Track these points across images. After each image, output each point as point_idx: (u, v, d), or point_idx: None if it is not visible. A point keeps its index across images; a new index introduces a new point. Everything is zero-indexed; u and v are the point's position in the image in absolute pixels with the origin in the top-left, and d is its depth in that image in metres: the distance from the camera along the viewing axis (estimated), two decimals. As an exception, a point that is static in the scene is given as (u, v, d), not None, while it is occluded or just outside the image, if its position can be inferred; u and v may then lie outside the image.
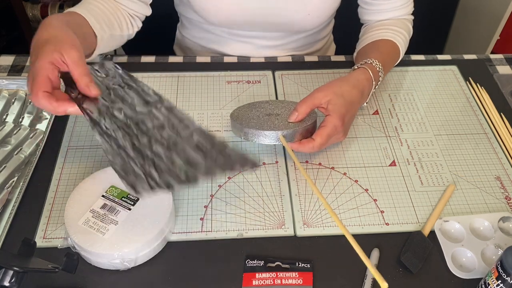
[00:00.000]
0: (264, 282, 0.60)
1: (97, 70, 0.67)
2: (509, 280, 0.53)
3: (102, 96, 0.62)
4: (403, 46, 0.86)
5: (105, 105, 0.61)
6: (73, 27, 0.65)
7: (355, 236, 0.66)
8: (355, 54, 0.90)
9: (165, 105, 0.63)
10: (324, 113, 0.72)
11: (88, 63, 0.64)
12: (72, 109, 0.59)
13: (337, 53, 1.13)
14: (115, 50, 1.87)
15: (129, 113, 0.61)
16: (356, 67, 0.78)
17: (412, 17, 0.90)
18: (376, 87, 0.80)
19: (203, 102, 0.85)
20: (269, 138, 0.70)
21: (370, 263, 0.55)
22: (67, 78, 0.61)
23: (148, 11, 0.86)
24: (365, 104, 0.80)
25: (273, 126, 0.71)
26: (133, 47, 0.93)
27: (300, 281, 0.60)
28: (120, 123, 0.60)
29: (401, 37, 0.85)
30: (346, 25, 0.98)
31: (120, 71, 0.68)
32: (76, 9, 0.73)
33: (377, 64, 0.78)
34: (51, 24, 0.63)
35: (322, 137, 0.69)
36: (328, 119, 0.70)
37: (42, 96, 0.56)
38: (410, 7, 0.89)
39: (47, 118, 0.80)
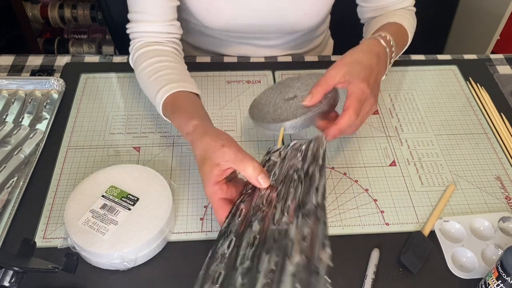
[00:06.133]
0: (264, 282, 0.60)
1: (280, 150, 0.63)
2: (509, 280, 0.53)
3: (270, 191, 0.57)
4: (410, 30, 0.83)
5: (257, 207, 0.55)
6: (197, 109, 0.68)
7: (355, 236, 0.66)
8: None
9: (319, 215, 0.50)
10: (346, 87, 0.67)
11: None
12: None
13: (335, 48, 1.13)
14: (115, 51, 1.88)
15: (268, 225, 0.52)
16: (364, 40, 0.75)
17: (414, 9, 0.88)
18: (392, 60, 0.75)
19: (203, 102, 0.84)
20: (272, 131, 0.68)
21: None
22: None
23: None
24: (384, 76, 0.74)
25: (281, 114, 0.67)
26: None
27: (300, 281, 0.60)
28: (248, 237, 0.51)
29: (407, 20, 0.82)
30: (342, 20, 0.98)
31: (321, 151, 0.59)
32: (175, 86, 0.71)
33: (387, 35, 0.73)
34: (193, 140, 0.63)
35: (353, 105, 0.64)
36: (351, 87, 0.65)
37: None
38: (411, 0, 0.86)
39: (47, 118, 0.80)
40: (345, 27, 0.96)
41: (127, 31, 0.81)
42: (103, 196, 0.64)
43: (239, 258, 0.49)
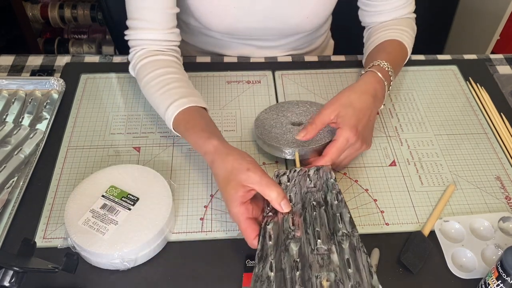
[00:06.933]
0: (264, 282, 0.60)
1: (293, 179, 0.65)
2: (509, 280, 0.53)
3: (292, 215, 0.60)
4: (410, 44, 0.85)
5: (287, 231, 0.58)
6: (213, 128, 0.69)
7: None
8: (364, 59, 0.88)
9: (355, 243, 0.56)
10: (336, 127, 0.70)
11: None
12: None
13: (335, 48, 1.13)
14: (115, 51, 1.88)
15: (305, 250, 0.56)
16: (363, 72, 0.77)
17: (414, 15, 0.89)
18: (390, 87, 0.78)
19: (203, 102, 0.85)
20: (285, 154, 0.71)
21: None
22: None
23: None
24: (382, 107, 0.77)
25: (292, 140, 0.71)
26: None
27: (300, 281, 0.60)
28: (289, 261, 0.55)
29: (407, 35, 0.85)
30: (343, 20, 0.98)
31: (332, 180, 0.64)
32: (186, 102, 0.71)
33: (385, 65, 0.76)
34: (214, 159, 0.63)
35: (331, 153, 0.67)
36: (338, 133, 0.68)
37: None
38: (412, 6, 0.88)
39: (47, 118, 0.80)
40: (346, 28, 0.96)
41: (126, 38, 0.80)
42: (103, 196, 0.64)
43: (288, 282, 0.53)
